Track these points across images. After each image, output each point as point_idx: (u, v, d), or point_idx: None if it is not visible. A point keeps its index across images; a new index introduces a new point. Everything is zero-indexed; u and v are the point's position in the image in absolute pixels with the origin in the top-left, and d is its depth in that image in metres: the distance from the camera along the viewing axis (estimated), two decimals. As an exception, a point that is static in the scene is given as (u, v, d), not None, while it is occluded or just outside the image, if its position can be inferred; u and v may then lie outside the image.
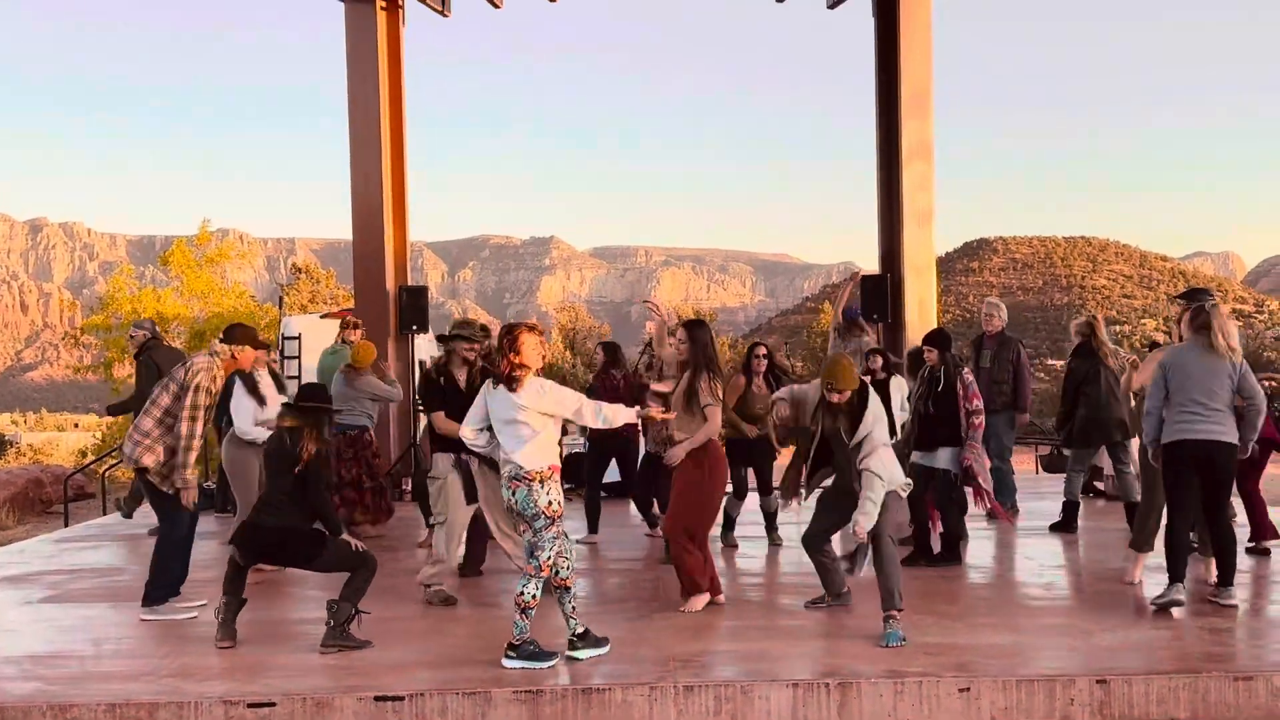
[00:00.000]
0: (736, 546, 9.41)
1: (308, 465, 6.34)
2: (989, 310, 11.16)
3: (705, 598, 7.10)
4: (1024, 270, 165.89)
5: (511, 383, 5.94)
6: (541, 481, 5.87)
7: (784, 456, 8.61)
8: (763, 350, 9.47)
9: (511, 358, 5.94)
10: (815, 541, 6.98)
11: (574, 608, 6.00)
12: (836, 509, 6.78)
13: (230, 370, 7.58)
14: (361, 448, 10.24)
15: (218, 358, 7.39)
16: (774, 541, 9.48)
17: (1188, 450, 6.84)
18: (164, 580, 7.34)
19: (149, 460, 7.19)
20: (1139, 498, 9.76)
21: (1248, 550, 8.66)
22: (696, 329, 7.10)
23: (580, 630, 6.00)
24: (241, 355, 7.48)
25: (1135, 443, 9.88)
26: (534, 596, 5.84)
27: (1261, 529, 8.84)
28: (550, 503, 5.88)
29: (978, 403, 8.42)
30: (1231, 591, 6.86)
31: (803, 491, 6.94)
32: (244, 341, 7.51)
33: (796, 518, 9.22)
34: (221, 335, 7.66)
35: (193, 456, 7.15)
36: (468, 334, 7.59)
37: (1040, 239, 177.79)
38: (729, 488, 9.13)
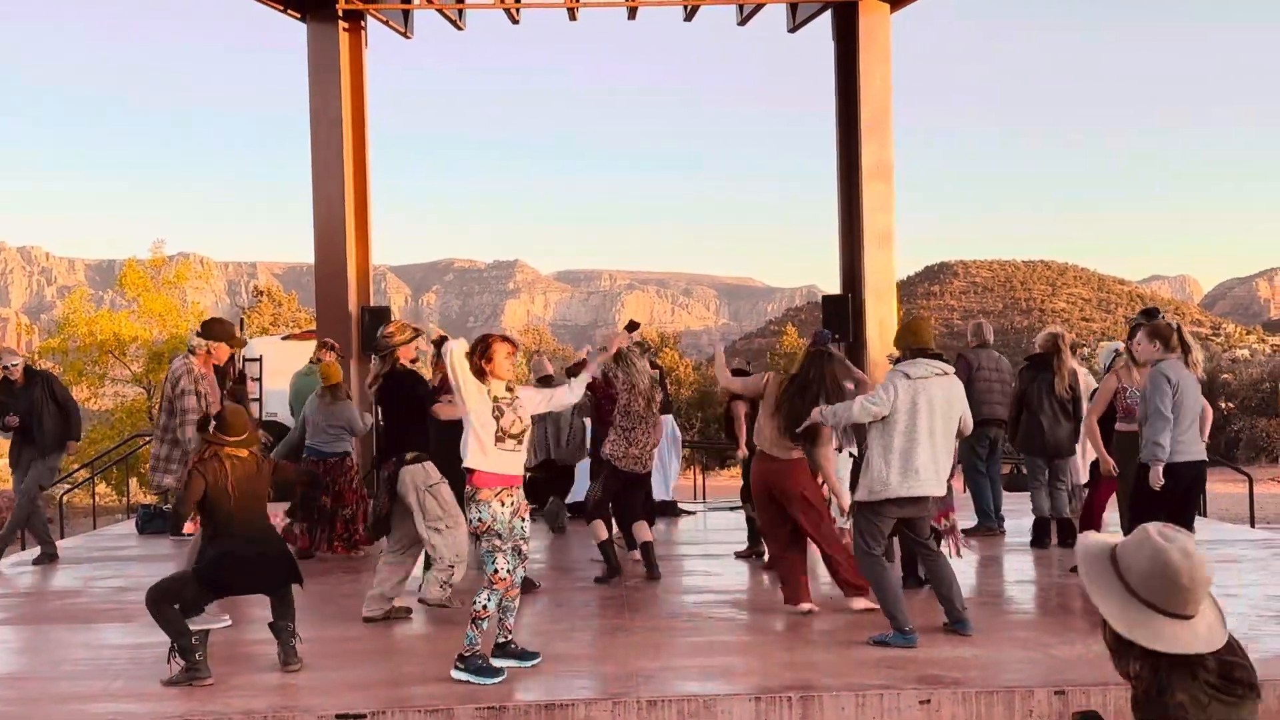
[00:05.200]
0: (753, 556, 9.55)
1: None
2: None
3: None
4: (984, 293, 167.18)
5: None
6: (467, 499, 6.01)
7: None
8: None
9: (482, 364, 6.00)
10: None
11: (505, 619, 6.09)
12: None
13: (206, 365, 7.54)
14: (341, 474, 10.15)
15: (194, 354, 7.41)
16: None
17: (1186, 473, 7.01)
18: None
19: (170, 481, 7.29)
20: (1069, 514, 9.90)
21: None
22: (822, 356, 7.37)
23: (503, 640, 6.08)
24: (218, 350, 7.51)
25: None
26: (484, 607, 5.85)
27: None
28: (469, 520, 6.01)
29: None
30: None
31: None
32: (221, 337, 7.52)
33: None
34: (199, 330, 7.67)
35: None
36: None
37: (1000, 262, 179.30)
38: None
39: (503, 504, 5.93)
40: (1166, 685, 2.32)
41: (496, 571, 5.88)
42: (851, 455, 10.10)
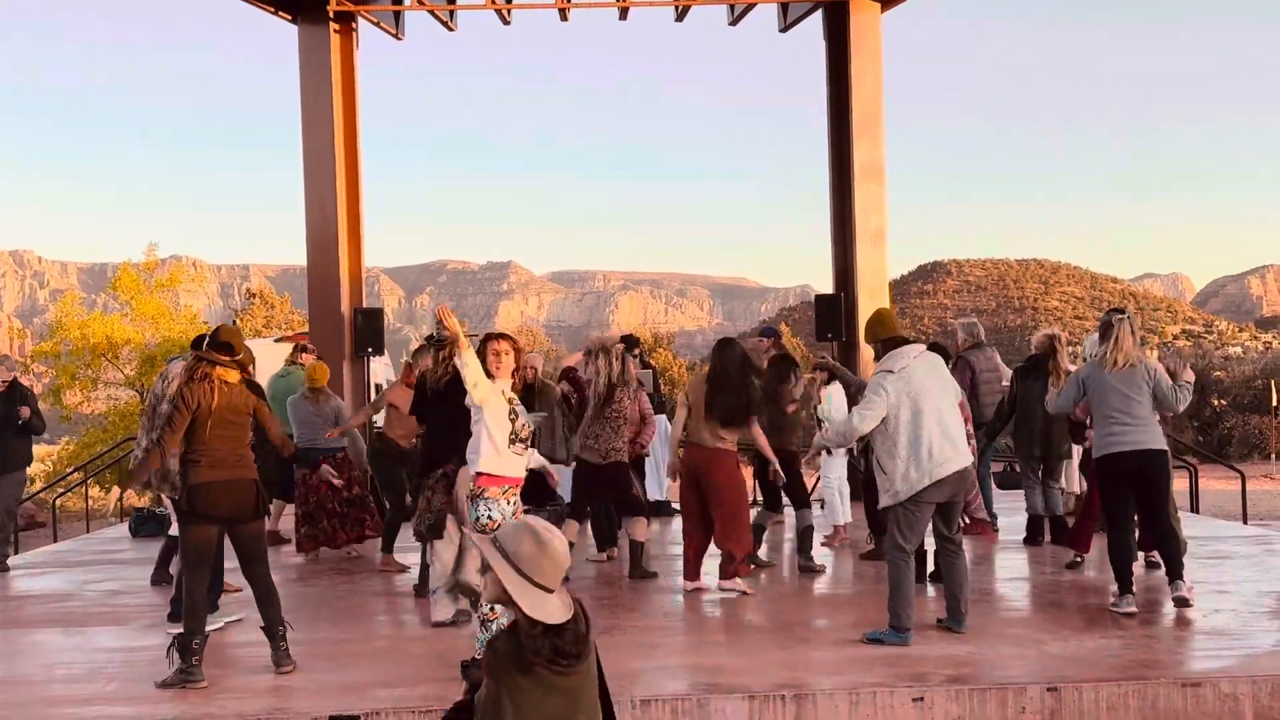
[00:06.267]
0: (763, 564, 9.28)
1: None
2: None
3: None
4: (978, 292, 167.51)
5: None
6: (472, 498, 5.90)
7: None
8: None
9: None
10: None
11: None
12: None
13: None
14: (349, 467, 10.22)
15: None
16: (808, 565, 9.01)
17: (1122, 463, 7.04)
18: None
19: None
20: (1061, 512, 9.94)
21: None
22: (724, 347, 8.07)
23: None
24: None
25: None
26: (493, 608, 5.82)
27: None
28: (477, 519, 5.86)
29: None
30: (1182, 584, 7.00)
31: None
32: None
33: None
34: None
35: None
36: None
37: (994, 261, 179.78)
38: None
39: (509, 503, 5.94)
40: (520, 647, 2.97)
41: None
42: (849, 452, 10.14)
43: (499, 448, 5.88)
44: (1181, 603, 7.01)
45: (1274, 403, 35.10)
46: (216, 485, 6.03)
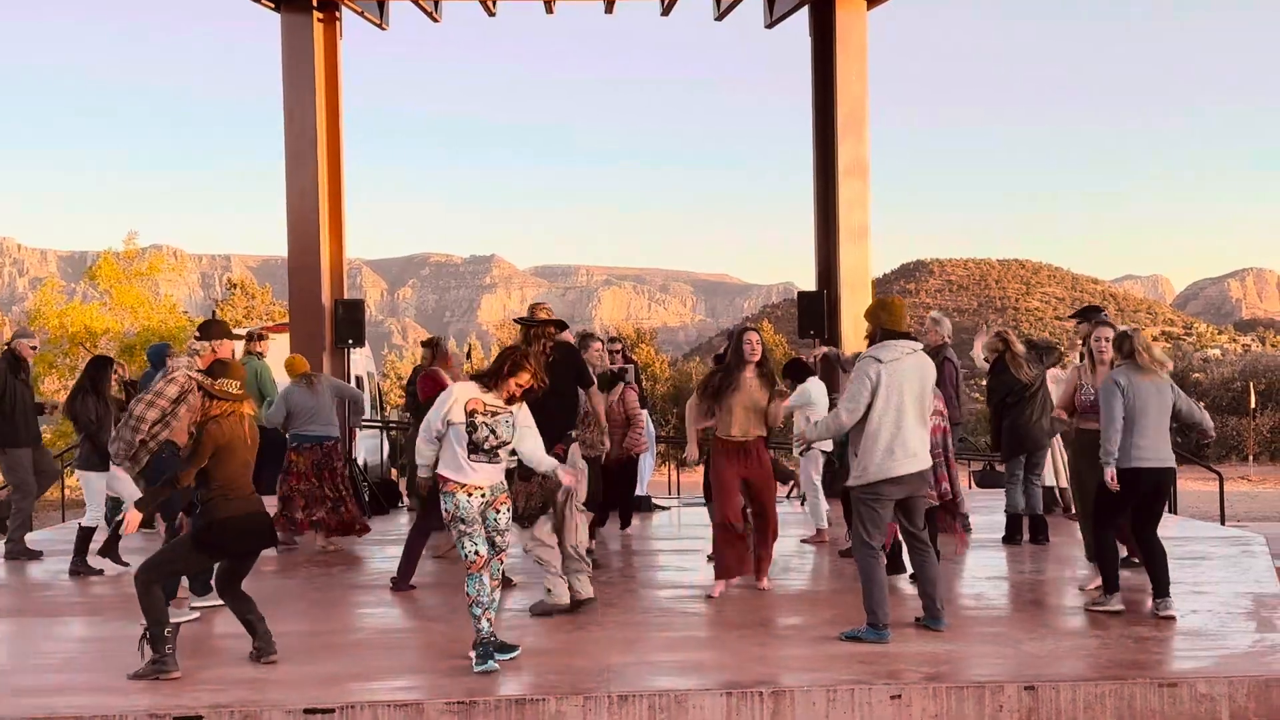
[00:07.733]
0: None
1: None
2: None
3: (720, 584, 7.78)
4: (959, 292, 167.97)
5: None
6: (441, 492, 6.04)
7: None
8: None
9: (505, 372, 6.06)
10: None
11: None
12: None
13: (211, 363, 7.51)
14: (336, 459, 10.12)
15: (198, 356, 7.41)
16: None
17: (1144, 479, 6.99)
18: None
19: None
20: (1041, 511, 9.97)
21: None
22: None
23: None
24: (220, 348, 7.64)
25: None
26: (469, 594, 5.91)
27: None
28: (445, 509, 6.01)
29: None
30: (1170, 602, 6.98)
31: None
32: (220, 335, 7.61)
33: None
34: (197, 333, 7.74)
35: (137, 436, 7.10)
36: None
37: (975, 261, 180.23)
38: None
39: (469, 495, 5.95)
40: None
41: (467, 556, 5.92)
42: (824, 453, 10.13)
43: (459, 457, 5.99)
44: (1166, 618, 6.97)
45: (1252, 405, 35.38)
46: (240, 520, 6.03)
